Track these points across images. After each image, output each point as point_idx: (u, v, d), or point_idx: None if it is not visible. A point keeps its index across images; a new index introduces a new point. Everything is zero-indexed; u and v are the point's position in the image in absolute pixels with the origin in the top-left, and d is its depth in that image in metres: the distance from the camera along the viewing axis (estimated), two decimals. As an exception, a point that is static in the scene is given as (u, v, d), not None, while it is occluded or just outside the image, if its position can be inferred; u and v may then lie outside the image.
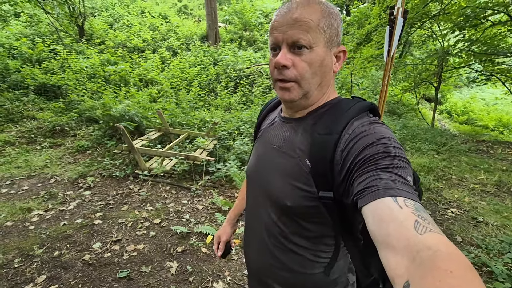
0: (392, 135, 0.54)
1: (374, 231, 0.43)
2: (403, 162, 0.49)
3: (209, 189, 3.47)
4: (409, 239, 0.38)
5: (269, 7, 15.27)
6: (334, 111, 0.62)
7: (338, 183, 0.56)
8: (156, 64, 8.11)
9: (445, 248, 0.35)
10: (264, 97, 7.15)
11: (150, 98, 6.29)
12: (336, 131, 0.57)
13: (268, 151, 0.72)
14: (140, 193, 3.26)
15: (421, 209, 0.42)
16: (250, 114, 5.35)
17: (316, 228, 0.65)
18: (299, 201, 0.62)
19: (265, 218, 0.72)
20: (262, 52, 11.33)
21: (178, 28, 10.98)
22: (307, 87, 0.61)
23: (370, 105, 0.62)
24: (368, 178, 0.48)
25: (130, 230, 2.60)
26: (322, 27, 0.58)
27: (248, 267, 0.85)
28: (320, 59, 0.59)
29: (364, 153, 0.51)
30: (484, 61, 7.96)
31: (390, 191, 0.44)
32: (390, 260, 0.39)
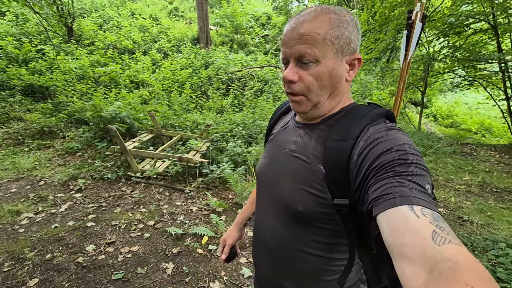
0: (409, 142, 0.52)
1: (389, 240, 0.42)
2: (421, 169, 0.47)
3: (203, 190, 3.47)
4: (425, 249, 0.37)
5: (260, 11, 15.42)
6: (349, 117, 0.61)
7: (353, 190, 0.55)
8: (147, 66, 8.05)
9: (465, 260, 0.34)
10: (256, 100, 7.20)
11: (141, 100, 6.24)
12: (351, 137, 0.56)
13: (280, 155, 0.71)
14: (133, 195, 3.24)
15: (439, 219, 0.41)
16: (243, 116, 5.38)
17: (329, 235, 0.64)
18: (311, 206, 0.61)
19: (276, 222, 0.71)
20: (253, 55, 11.41)
21: (169, 30, 10.93)
22: (316, 99, 0.62)
23: (387, 112, 0.61)
24: (383, 186, 0.47)
25: (124, 232, 2.57)
26: (329, 39, 0.58)
27: (257, 270, 0.83)
28: (328, 71, 0.59)
29: (380, 159, 0.50)
30: (467, 67, 8.28)
31: (407, 199, 0.43)
32: (406, 271, 0.38)
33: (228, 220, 2.86)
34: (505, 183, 4.09)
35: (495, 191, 3.86)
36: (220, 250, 1.02)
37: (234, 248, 1.02)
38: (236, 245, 1.03)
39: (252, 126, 4.91)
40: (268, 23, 14.36)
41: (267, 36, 13.11)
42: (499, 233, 2.74)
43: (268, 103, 6.94)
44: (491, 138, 10.76)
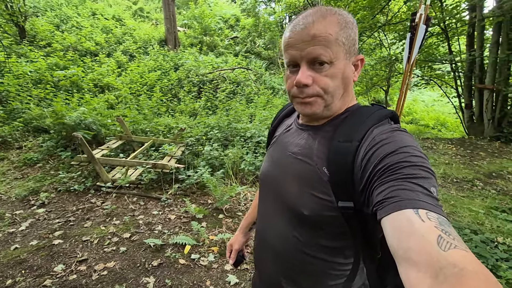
0: (414, 144, 0.52)
1: (393, 245, 0.41)
2: (427, 172, 0.47)
3: (180, 197, 3.35)
4: (431, 254, 0.36)
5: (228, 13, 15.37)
6: (353, 119, 0.61)
7: (358, 192, 0.54)
8: (112, 69, 7.63)
9: (471, 266, 0.34)
10: (229, 102, 7.14)
11: (107, 104, 5.88)
12: (356, 138, 0.56)
13: (283, 158, 0.71)
14: (104, 207, 3.02)
15: (445, 223, 0.40)
16: (217, 119, 5.30)
17: (334, 239, 0.63)
18: (317, 210, 0.60)
19: (280, 225, 0.70)
20: (223, 57, 11.33)
21: (134, 32, 10.48)
22: (330, 100, 0.61)
23: (391, 113, 0.61)
24: (388, 188, 0.46)
25: (97, 247, 2.39)
26: (341, 40, 0.57)
27: (259, 272, 0.82)
28: (341, 72, 0.59)
29: (385, 161, 0.49)
30: (424, 67, 8.96)
31: (412, 202, 0.42)
32: (411, 276, 0.37)
33: (209, 226, 2.79)
34: (463, 174, 4.47)
35: (456, 181, 4.19)
36: (227, 255, 1.03)
37: (242, 252, 1.03)
38: (243, 249, 1.04)
39: (228, 129, 4.85)
40: (237, 25, 14.36)
41: (236, 38, 13.10)
42: (462, 220, 2.98)
43: (241, 105, 6.92)
44: (446, 132, 11.72)
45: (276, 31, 13.13)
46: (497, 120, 7.01)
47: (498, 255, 2.29)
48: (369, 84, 9.29)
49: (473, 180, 4.19)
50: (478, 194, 3.71)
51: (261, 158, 4.01)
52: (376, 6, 8.42)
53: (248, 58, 11.87)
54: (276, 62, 12.39)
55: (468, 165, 4.96)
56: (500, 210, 3.19)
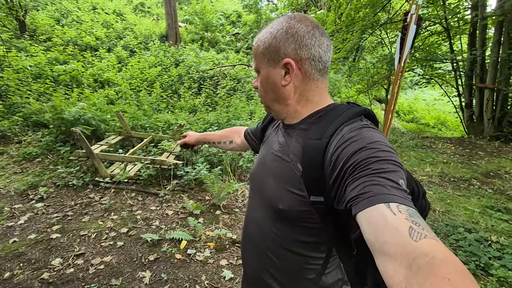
0: (382, 139, 0.54)
1: (370, 239, 0.43)
2: (394, 165, 0.49)
3: (178, 193, 3.37)
4: (404, 246, 0.38)
5: (230, 9, 15.29)
6: (326, 117, 0.63)
7: (329, 188, 0.56)
8: (112, 64, 7.62)
9: (441, 254, 0.35)
10: (229, 99, 7.14)
11: (107, 100, 5.89)
12: (326, 135, 0.59)
13: (268, 155, 0.76)
14: (102, 202, 3.05)
15: (414, 214, 0.42)
16: (216, 116, 5.31)
17: (310, 234, 0.66)
18: (292, 205, 0.64)
19: (261, 220, 0.75)
20: (224, 53, 11.30)
21: (135, 27, 10.44)
22: (266, 102, 0.72)
23: (364, 110, 0.63)
24: (360, 185, 0.48)
25: (94, 242, 2.42)
26: (262, 52, 0.67)
27: (244, 266, 0.86)
28: (264, 79, 0.68)
29: (354, 158, 0.51)
30: (425, 66, 8.92)
31: (383, 197, 0.44)
32: (388, 268, 0.39)
33: (206, 222, 2.81)
34: (461, 173, 4.48)
35: (453, 180, 4.21)
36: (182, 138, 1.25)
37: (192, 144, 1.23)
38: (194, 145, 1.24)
39: (227, 126, 4.86)
40: (238, 21, 14.29)
41: (238, 34, 13.04)
42: (457, 219, 3.00)
43: (242, 102, 6.93)
44: (446, 132, 11.70)
45: (277, 28, 13.07)
46: (497, 120, 6.99)
47: (491, 253, 2.31)
48: (370, 83, 9.26)
49: (470, 179, 4.20)
50: (474, 193, 3.72)
51: (259, 155, 4.03)
52: (378, 4, 8.37)
53: (250, 55, 11.83)
54: (277, 59, 12.35)
55: (466, 164, 4.97)
56: (496, 209, 3.20)
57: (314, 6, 13.85)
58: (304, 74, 0.65)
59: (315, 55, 0.63)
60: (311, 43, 0.63)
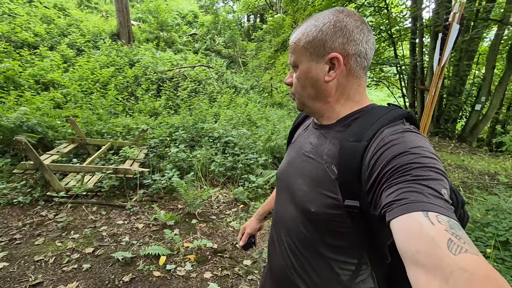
0: (425, 144, 0.51)
1: (402, 247, 0.41)
2: (437, 173, 0.46)
3: (147, 204, 3.12)
4: (441, 258, 0.36)
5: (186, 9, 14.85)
6: (365, 118, 0.60)
7: (365, 192, 0.54)
8: (56, 63, 6.81)
9: (483, 271, 0.33)
10: (192, 101, 6.90)
11: (54, 103, 5.24)
12: (366, 138, 0.56)
13: (298, 156, 0.73)
14: (58, 220, 2.68)
15: (456, 226, 0.40)
16: (181, 119, 5.07)
17: (340, 237, 0.63)
18: (323, 207, 0.61)
19: (290, 222, 0.72)
20: (182, 54, 10.91)
21: (81, 23, 9.52)
22: (301, 99, 0.69)
23: (406, 113, 0.60)
24: (397, 191, 0.45)
25: (53, 267, 2.10)
26: (304, 46, 0.63)
27: (270, 265, 0.84)
28: (303, 74, 0.65)
29: (393, 163, 0.48)
30: (374, 69, 9.73)
31: (421, 205, 0.42)
32: (420, 279, 0.37)
33: (182, 233, 2.64)
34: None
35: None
36: (239, 237, 1.06)
37: (253, 238, 1.06)
38: (255, 236, 1.07)
39: (193, 129, 4.67)
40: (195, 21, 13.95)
41: (195, 35, 12.72)
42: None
43: (205, 104, 6.75)
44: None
45: (236, 30, 13.07)
46: (436, 118, 7.91)
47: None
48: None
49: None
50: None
51: (231, 158, 3.94)
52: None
53: (209, 56, 11.62)
54: (237, 61, 12.34)
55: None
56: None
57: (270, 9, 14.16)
58: (349, 71, 0.62)
59: (362, 51, 0.61)
60: (360, 38, 0.60)
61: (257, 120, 6.03)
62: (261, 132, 4.93)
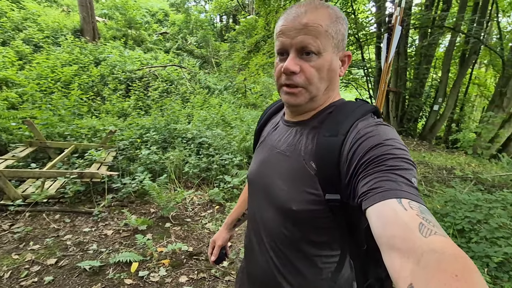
0: (396, 137, 0.54)
1: (379, 233, 0.43)
2: (408, 163, 0.49)
3: (116, 209, 2.96)
4: (414, 241, 0.38)
5: (156, 6, 14.36)
6: (339, 113, 0.61)
7: (345, 185, 0.55)
8: (10, 60, 6.25)
9: (450, 251, 0.35)
10: (164, 101, 6.68)
11: (7, 104, 4.80)
12: (342, 132, 0.57)
13: (272, 156, 0.71)
14: (14, 230, 2.45)
15: (425, 211, 0.42)
16: (153, 120, 4.89)
17: (321, 232, 0.64)
18: (305, 204, 0.61)
19: (270, 224, 0.70)
20: (152, 53, 10.54)
21: (39, 17, 8.82)
22: (315, 92, 0.62)
23: (374, 108, 0.63)
24: (372, 180, 0.48)
25: (10, 282, 1.91)
26: (330, 33, 0.58)
27: (249, 267, 0.82)
28: (328, 64, 0.60)
29: (369, 154, 0.51)
30: (343, 72, 10.13)
31: (395, 192, 0.44)
32: (394, 263, 0.39)
33: (156, 238, 2.54)
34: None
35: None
36: (209, 252, 1.00)
37: (224, 250, 1.01)
38: (226, 247, 1.02)
39: (166, 130, 4.53)
40: (166, 20, 13.55)
41: (166, 33, 12.35)
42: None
43: (177, 104, 6.58)
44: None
45: (209, 30, 12.91)
46: (399, 118, 8.43)
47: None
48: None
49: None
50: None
51: (205, 159, 3.88)
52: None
53: (181, 56, 11.34)
54: (210, 61, 12.19)
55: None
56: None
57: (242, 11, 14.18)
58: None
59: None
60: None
61: (231, 121, 5.99)
62: (236, 132, 4.91)
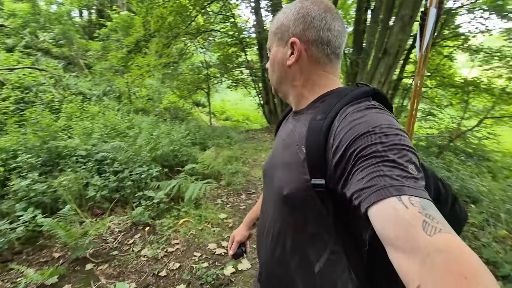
0: (387, 121, 0.50)
1: (382, 234, 0.42)
2: (402, 150, 0.46)
3: None
4: (418, 241, 0.36)
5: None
6: (332, 98, 0.60)
7: (331, 170, 0.53)
8: None
9: (457, 250, 0.34)
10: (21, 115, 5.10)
11: None
12: (330, 115, 0.55)
13: (278, 145, 0.75)
14: None
15: (428, 206, 0.40)
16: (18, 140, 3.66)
17: (314, 223, 0.62)
18: (295, 190, 0.61)
19: (269, 211, 0.74)
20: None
21: None
22: (272, 82, 0.73)
23: (373, 90, 0.59)
24: (365, 176, 0.45)
25: None
26: (274, 31, 0.68)
27: (260, 265, 0.83)
28: (273, 58, 0.69)
29: (357, 144, 0.48)
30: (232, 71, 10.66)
31: (392, 189, 0.42)
32: (401, 264, 0.38)
33: (78, 287, 1.96)
34: (284, 153, 5.83)
35: (283, 159, 5.40)
36: (229, 246, 1.02)
37: (244, 246, 1.03)
38: (245, 243, 1.04)
39: (44, 151, 3.51)
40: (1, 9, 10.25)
41: (4, 27, 9.38)
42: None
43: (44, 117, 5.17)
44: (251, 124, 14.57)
45: (69, 25, 10.69)
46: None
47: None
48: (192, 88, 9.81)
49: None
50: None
51: (113, 177, 3.25)
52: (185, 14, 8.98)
53: (33, 56, 8.90)
54: (78, 63, 10.17)
55: (283, 146, 6.51)
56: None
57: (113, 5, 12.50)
58: (310, 57, 0.64)
59: (323, 38, 0.62)
60: (320, 25, 0.61)
61: (126, 130, 5.25)
62: (141, 141, 4.35)
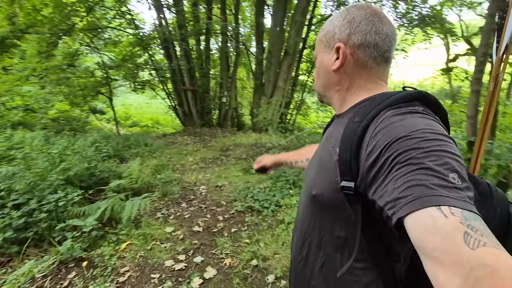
0: (427, 125, 0.48)
1: (418, 245, 0.40)
2: (443, 157, 0.43)
3: None
4: (459, 254, 0.34)
5: None
6: (373, 101, 0.58)
7: (363, 174, 0.51)
8: None
9: (504, 265, 0.32)
10: None
11: None
12: (368, 118, 0.54)
13: (319, 146, 0.77)
14: None
15: (471, 217, 0.37)
16: None
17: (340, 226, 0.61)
18: (324, 190, 0.61)
19: (302, 210, 0.76)
20: None
21: None
22: (317, 89, 0.76)
23: (418, 93, 0.55)
24: (401, 186, 0.43)
25: None
26: (320, 39, 0.71)
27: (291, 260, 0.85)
28: (318, 65, 0.72)
29: (393, 149, 0.46)
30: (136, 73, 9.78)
31: (430, 199, 0.39)
32: (439, 277, 0.36)
33: None
34: (210, 154, 5.87)
35: (211, 160, 5.45)
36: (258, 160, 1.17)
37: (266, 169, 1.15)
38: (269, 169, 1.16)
39: None
40: None
41: None
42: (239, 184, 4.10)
43: None
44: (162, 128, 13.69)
45: None
46: (200, 112, 9.59)
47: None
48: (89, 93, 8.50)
49: (219, 156, 5.68)
50: (231, 164, 5.16)
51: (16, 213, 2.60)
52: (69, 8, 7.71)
53: None
54: None
55: (209, 146, 6.53)
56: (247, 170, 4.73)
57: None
58: (356, 61, 0.63)
59: (370, 41, 0.61)
60: (367, 29, 0.61)
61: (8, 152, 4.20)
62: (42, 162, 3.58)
